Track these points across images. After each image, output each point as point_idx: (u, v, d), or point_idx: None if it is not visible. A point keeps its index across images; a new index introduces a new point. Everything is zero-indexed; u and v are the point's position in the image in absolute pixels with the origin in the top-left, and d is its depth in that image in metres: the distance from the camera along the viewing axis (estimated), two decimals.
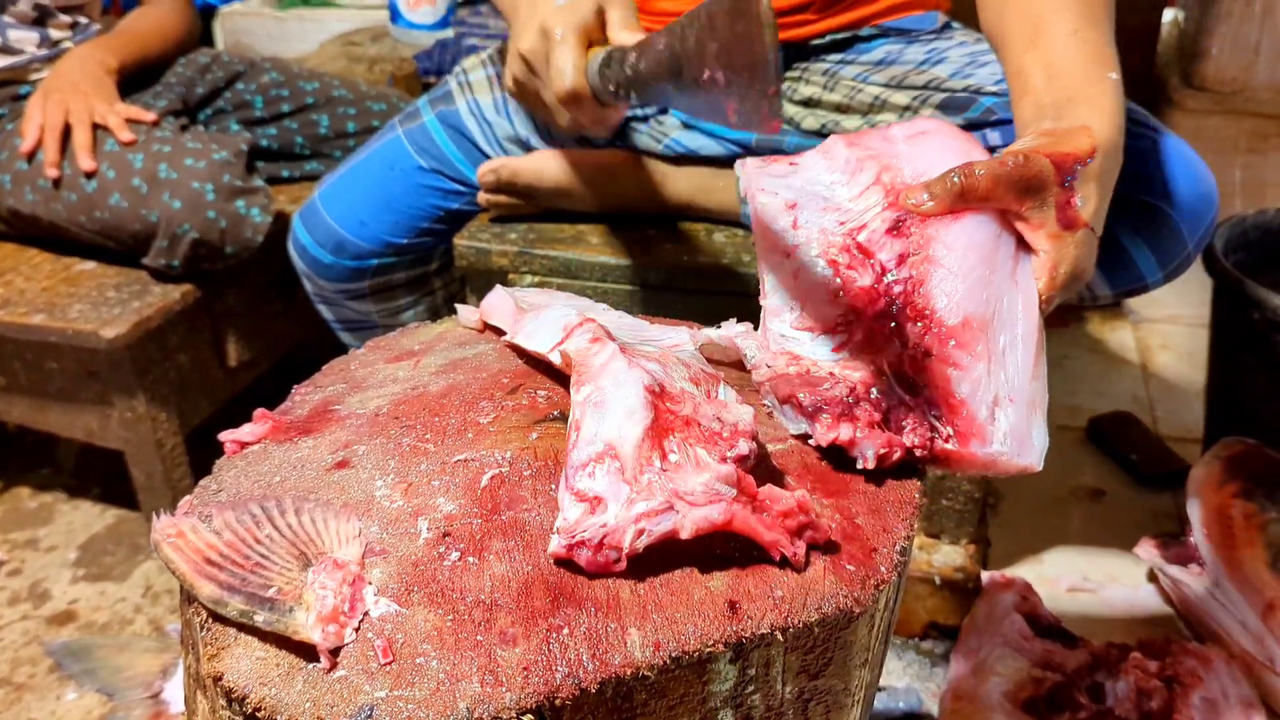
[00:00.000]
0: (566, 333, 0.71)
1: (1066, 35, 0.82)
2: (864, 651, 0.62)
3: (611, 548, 0.56)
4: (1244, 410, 1.46)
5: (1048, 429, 0.68)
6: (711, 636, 0.55)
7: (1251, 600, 1.20)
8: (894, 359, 0.66)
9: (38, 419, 1.54)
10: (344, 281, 1.33)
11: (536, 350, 0.74)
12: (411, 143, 1.30)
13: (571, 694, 0.52)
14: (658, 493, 0.57)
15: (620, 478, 0.57)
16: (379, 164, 1.31)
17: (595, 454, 0.58)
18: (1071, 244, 0.70)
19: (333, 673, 0.52)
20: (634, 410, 0.60)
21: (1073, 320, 2.10)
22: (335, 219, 1.29)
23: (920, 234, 0.68)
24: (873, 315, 0.68)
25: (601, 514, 0.56)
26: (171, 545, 0.59)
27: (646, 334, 0.76)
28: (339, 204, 1.30)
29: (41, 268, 1.52)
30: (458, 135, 1.29)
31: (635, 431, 0.59)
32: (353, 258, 1.30)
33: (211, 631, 0.56)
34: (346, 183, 1.32)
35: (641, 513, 0.56)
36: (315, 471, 0.66)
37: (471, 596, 0.56)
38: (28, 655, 1.41)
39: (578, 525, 0.56)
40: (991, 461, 0.65)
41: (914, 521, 0.64)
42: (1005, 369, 0.66)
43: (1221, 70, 1.84)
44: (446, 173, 1.29)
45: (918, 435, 0.65)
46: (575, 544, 0.56)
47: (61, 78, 1.49)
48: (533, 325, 0.77)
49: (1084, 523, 1.57)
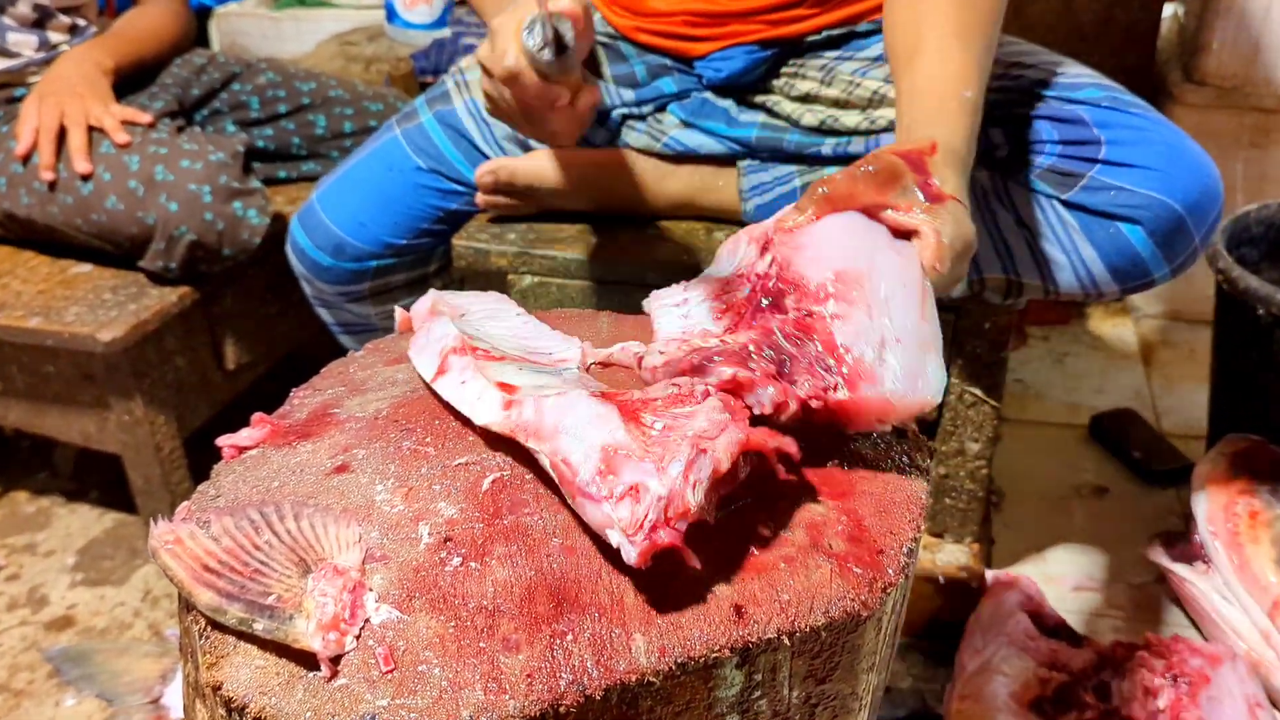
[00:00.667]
0: (443, 358, 0.70)
1: (934, 54, 0.89)
2: (871, 655, 0.61)
3: (679, 515, 0.53)
4: (1248, 407, 1.45)
5: (946, 369, 0.67)
6: (717, 641, 0.54)
7: (1258, 598, 1.19)
8: (781, 327, 0.67)
9: (35, 423, 1.53)
10: (343, 284, 1.32)
11: (424, 378, 0.73)
12: (410, 143, 1.29)
13: (576, 701, 0.51)
14: (678, 448, 0.55)
15: (637, 460, 0.55)
16: (377, 165, 1.30)
17: (599, 460, 0.56)
18: (946, 215, 0.73)
19: (333, 681, 0.52)
20: (599, 412, 0.58)
21: (1074, 317, 2.10)
22: (334, 221, 1.29)
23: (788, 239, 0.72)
24: (753, 307, 0.70)
25: (647, 494, 0.53)
26: (169, 552, 0.58)
27: (538, 344, 0.76)
28: (337, 206, 1.30)
29: (38, 270, 1.51)
30: (456, 135, 1.29)
31: (615, 422, 0.57)
32: (352, 260, 1.30)
33: (210, 640, 0.55)
34: (344, 185, 1.31)
35: (682, 469, 0.54)
36: (314, 476, 0.65)
37: (474, 602, 0.55)
38: (26, 661, 1.40)
39: (635, 517, 0.53)
40: (885, 402, 0.64)
41: (920, 523, 0.63)
42: (890, 314, 0.66)
43: (1223, 65, 1.83)
44: (445, 173, 1.29)
45: (810, 386, 0.64)
46: (649, 532, 0.52)
47: (56, 80, 1.48)
48: (423, 341, 0.76)
49: (1088, 521, 1.56)
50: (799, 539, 0.60)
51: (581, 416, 0.58)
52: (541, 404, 0.61)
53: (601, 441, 0.57)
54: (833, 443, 0.68)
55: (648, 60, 1.25)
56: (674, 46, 1.22)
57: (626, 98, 1.25)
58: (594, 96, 0.96)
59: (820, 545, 0.59)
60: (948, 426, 1.25)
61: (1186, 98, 1.89)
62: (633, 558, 0.53)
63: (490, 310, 0.82)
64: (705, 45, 1.20)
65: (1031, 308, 2.09)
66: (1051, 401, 1.85)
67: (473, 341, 0.71)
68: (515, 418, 0.62)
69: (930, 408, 0.66)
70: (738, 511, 0.61)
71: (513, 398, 0.63)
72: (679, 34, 1.21)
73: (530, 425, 0.61)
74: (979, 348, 1.18)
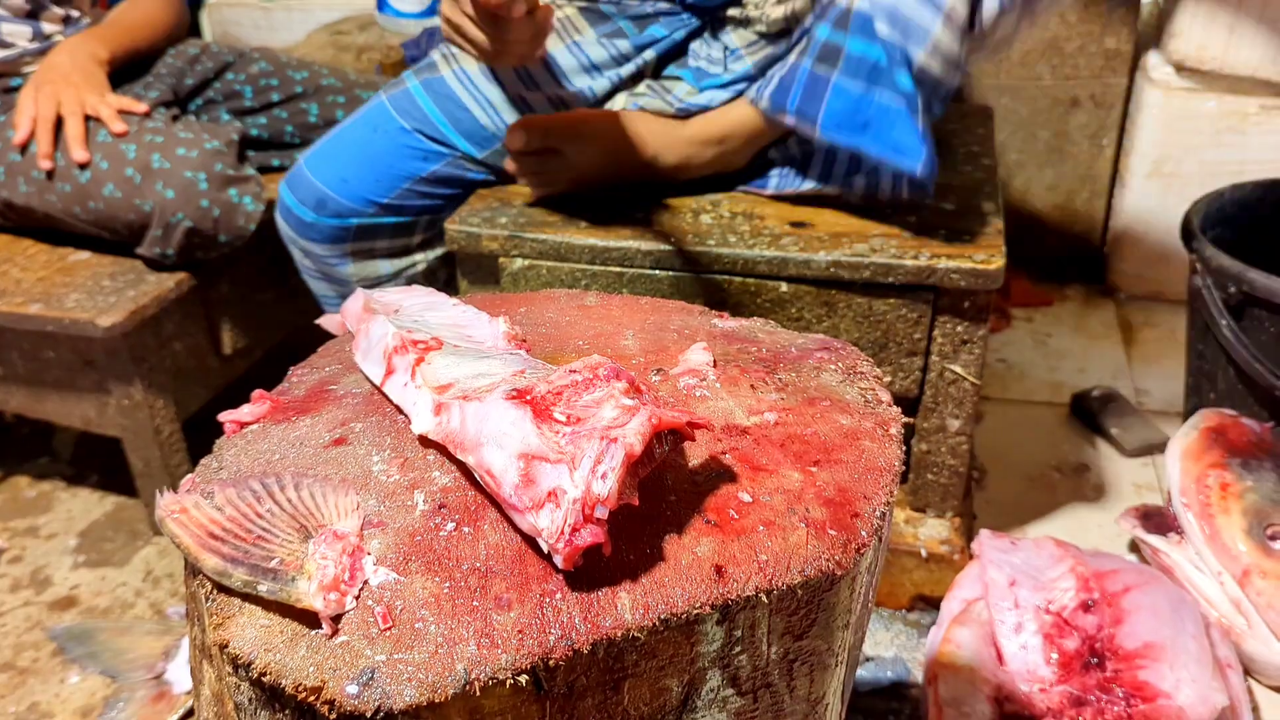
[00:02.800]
0: (387, 359, 0.72)
1: None
2: (846, 614, 0.64)
3: (592, 507, 0.54)
4: (1222, 382, 1.49)
5: None
6: (699, 599, 0.57)
7: (1229, 566, 1.23)
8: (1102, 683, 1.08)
9: (35, 408, 1.56)
10: (326, 243, 1.36)
11: (372, 381, 0.75)
12: (394, 106, 1.35)
13: (565, 655, 0.54)
14: (587, 443, 0.56)
15: (549, 465, 0.56)
16: (362, 127, 1.37)
17: (517, 474, 0.56)
18: None
19: (335, 638, 0.54)
20: (513, 417, 0.58)
21: (1057, 299, 2.13)
22: (318, 178, 1.35)
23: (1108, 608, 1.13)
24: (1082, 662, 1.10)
25: (565, 497, 0.55)
26: (175, 521, 0.61)
27: (478, 331, 0.77)
28: (323, 165, 1.36)
29: (37, 258, 1.54)
30: (440, 98, 1.33)
31: (528, 427, 0.57)
32: (333, 215, 1.34)
33: (216, 602, 0.58)
34: (330, 146, 1.38)
35: (591, 465, 0.55)
36: (314, 449, 0.68)
37: (467, 564, 0.58)
38: (30, 640, 1.43)
39: (555, 524, 0.54)
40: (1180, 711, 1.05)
41: (893, 488, 0.66)
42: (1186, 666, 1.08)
43: (1202, 49, 1.86)
44: (427, 133, 1.33)
45: None
46: (570, 535, 0.54)
47: (52, 70, 1.50)
48: (364, 345, 0.78)
49: (1067, 496, 1.60)
50: (778, 504, 0.63)
51: (499, 423, 0.59)
52: (465, 410, 0.62)
53: (518, 449, 0.57)
54: (811, 415, 0.71)
55: (629, 10, 1.31)
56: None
57: (622, 48, 1.31)
58: (549, 9, 1.04)
59: (797, 510, 0.62)
60: (929, 404, 1.28)
61: (1166, 81, 1.92)
62: (561, 564, 0.55)
63: (426, 302, 0.84)
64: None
65: (1015, 291, 2.12)
66: (1034, 381, 1.88)
67: (413, 335, 0.73)
68: (445, 424, 0.63)
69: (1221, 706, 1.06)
70: (719, 480, 0.64)
71: (442, 399, 0.64)
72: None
73: (456, 436, 0.62)
74: (958, 325, 1.21)
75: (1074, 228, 2.18)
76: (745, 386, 0.74)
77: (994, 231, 1.23)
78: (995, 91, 2.07)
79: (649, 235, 1.24)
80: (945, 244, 1.20)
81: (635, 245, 1.23)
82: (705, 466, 0.65)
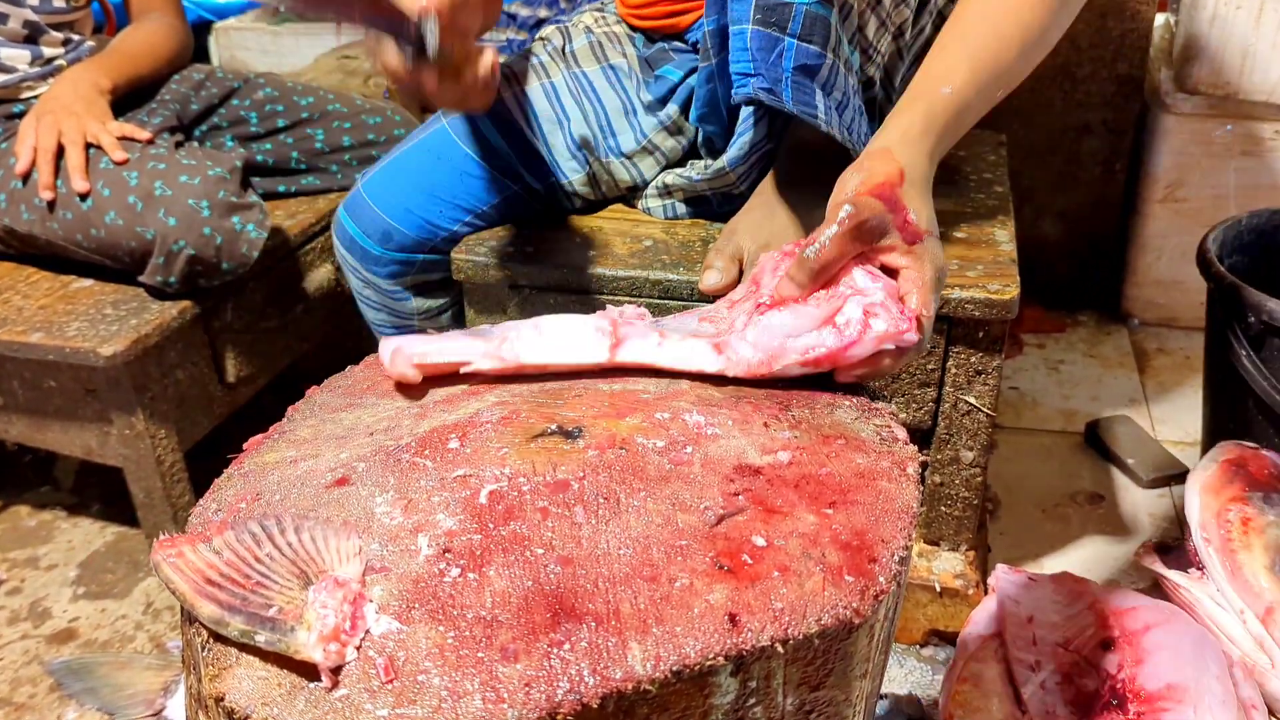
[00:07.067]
0: (614, 329, 0.81)
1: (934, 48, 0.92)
2: (864, 662, 0.62)
3: None
4: (1242, 414, 1.46)
5: None
6: (712, 649, 0.55)
7: (1252, 604, 1.20)
8: None
9: (36, 437, 1.54)
10: (390, 276, 1.33)
11: (571, 362, 0.79)
12: (456, 132, 1.30)
13: (573, 709, 0.52)
14: None
15: None
16: (424, 154, 1.31)
17: None
18: (924, 254, 0.77)
19: (335, 692, 0.52)
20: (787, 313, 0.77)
21: (1070, 326, 2.11)
22: (381, 208, 1.30)
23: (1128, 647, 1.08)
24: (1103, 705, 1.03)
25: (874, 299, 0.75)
26: (171, 565, 0.59)
27: None
28: (384, 193, 1.30)
29: (39, 286, 1.52)
30: (502, 124, 1.29)
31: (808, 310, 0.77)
32: (399, 249, 1.30)
33: (213, 651, 0.56)
34: (391, 172, 1.32)
35: None
36: (315, 489, 0.66)
37: (472, 613, 0.56)
38: (28, 674, 1.41)
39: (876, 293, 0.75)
40: None
41: (912, 531, 0.64)
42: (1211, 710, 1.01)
43: (1215, 74, 1.84)
44: (490, 162, 1.30)
45: None
46: None
47: (54, 100, 1.49)
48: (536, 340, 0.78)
49: (1083, 527, 1.57)
50: (793, 549, 0.61)
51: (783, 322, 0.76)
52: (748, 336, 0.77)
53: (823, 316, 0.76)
54: (826, 454, 0.69)
55: (647, 49, 1.33)
56: (667, 25, 1.30)
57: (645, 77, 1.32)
58: (488, 58, 1.04)
59: (813, 554, 0.60)
60: (942, 435, 1.25)
61: (1179, 107, 1.91)
62: None
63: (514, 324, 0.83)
64: (689, 17, 1.27)
65: (1027, 317, 2.10)
66: (1047, 409, 1.86)
67: None
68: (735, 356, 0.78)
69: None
70: (733, 524, 0.62)
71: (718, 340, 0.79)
72: (667, 11, 1.29)
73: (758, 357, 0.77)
74: (972, 355, 1.19)
75: (1086, 253, 2.16)
76: (758, 424, 0.72)
77: (1008, 260, 1.21)
78: (1007, 117, 2.05)
79: (658, 267, 1.23)
80: (958, 273, 1.18)
81: (644, 275, 1.21)
82: (718, 508, 0.63)
